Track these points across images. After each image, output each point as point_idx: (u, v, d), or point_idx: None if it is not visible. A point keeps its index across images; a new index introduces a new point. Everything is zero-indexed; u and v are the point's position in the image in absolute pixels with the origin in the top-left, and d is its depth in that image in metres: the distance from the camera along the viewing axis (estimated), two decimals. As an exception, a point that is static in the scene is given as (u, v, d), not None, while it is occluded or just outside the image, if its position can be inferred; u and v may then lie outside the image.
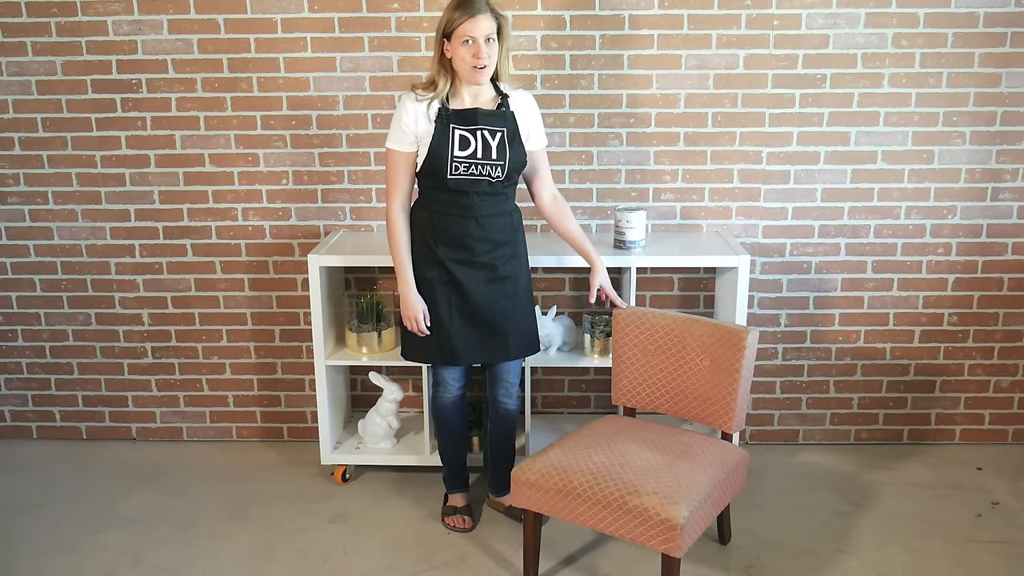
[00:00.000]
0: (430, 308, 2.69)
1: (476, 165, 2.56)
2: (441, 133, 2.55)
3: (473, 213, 2.62)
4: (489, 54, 2.48)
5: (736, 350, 2.57)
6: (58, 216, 3.39)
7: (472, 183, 2.58)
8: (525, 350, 2.80)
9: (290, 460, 3.44)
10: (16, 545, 2.87)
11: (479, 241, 2.64)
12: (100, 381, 3.55)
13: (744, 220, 3.33)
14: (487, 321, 2.70)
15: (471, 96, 2.60)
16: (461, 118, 2.56)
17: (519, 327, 2.75)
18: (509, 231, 2.70)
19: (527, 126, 2.66)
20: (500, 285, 2.69)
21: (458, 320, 2.69)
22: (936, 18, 3.12)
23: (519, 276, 2.74)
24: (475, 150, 2.56)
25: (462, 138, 2.56)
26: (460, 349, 2.71)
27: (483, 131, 2.57)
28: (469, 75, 2.51)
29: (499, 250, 2.67)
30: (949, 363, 3.44)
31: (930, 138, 3.23)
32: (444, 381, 2.85)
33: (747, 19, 3.14)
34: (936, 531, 2.91)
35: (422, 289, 2.69)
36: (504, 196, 2.67)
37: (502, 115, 2.60)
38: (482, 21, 2.45)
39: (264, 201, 3.35)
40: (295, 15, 3.17)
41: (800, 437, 3.53)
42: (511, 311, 2.72)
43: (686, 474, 2.41)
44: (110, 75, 3.24)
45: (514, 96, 2.65)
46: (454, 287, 2.67)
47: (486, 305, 2.68)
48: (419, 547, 2.84)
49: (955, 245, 3.33)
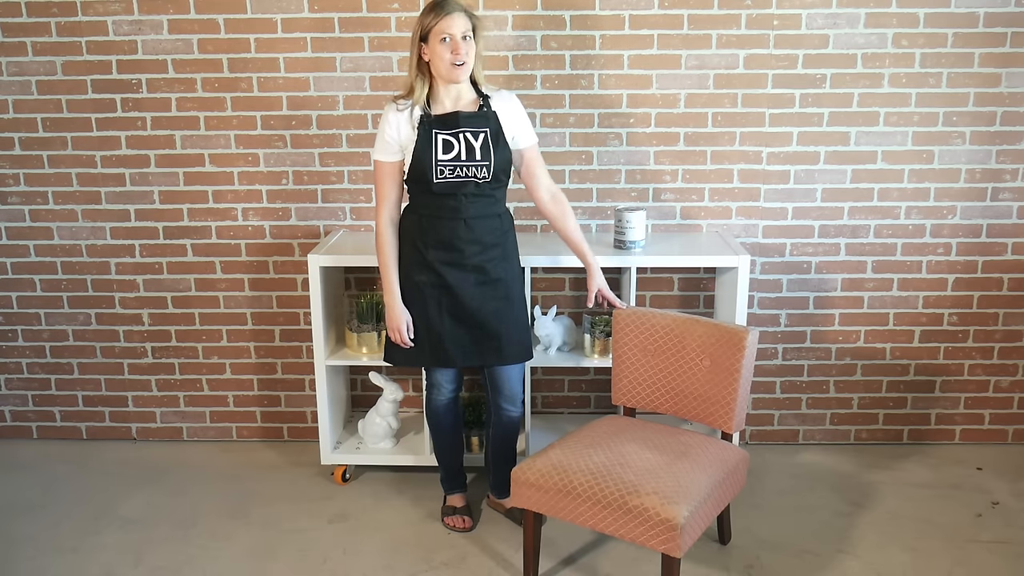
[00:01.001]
0: (421, 311, 2.69)
1: (460, 167, 2.58)
2: (424, 139, 2.57)
3: (461, 215, 2.62)
4: (467, 51, 2.52)
5: (736, 350, 2.57)
6: (58, 216, 3.39)
7: (458, 185, 2.59)
8: (519, 356, 2.78)
9: (290, 460, 3.44)
10: (16, 545, 2.88)
11: (468, 243, 2.64)
12: (100, 381, 3.55)
13: (744, 220, 3.33)
14: (479, 323, 2.69)
15: (451, 100, 2.61)
16: (442, 123, 2.58)
17: (512, 331, 2.74)
18: (499, 233, 2.70)
19: (511, 126, 2.66)
20: (491, 287, 2.69)
21: (449, 322, 2.69)
22: (936, 18, 3.12)
23: (511, 280, 2.73)
24: (459, 152, 2.57)
25: (445, 142, 2.57)
26: (452, 351, 2.71)
27: (465, 133, 2.58)
28: (448, 73, 2.53)
29: (489, 252, 2.67)
30: (949, 363, 3.44)
31: (930, 138, 3.23)
32: (437, 383, 2.86)
33: (747, 19, 3.14)
34: (936, 531, 2.91)
35: (412, 294, 2.69)
36: (492, 198, 2.67)
37: (484, 116, 2.61)
38: (457, 19, 2.50)
39: (264, 201, 3.36)
40: (295, 15, 3.17)
41: (800, 437, 3.53)
42: (504, 313, 2.71)
43: (686, 474, 2.41)
44: (110, 75, 3.24)
45: (496, 96, 2.66)
46: (444, 290, 2.67)
47: (477, 307, 2.68)
48: (419, 547, 2.84)
49: (955, 245, 3.33)
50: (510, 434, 2.90)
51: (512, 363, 2.78)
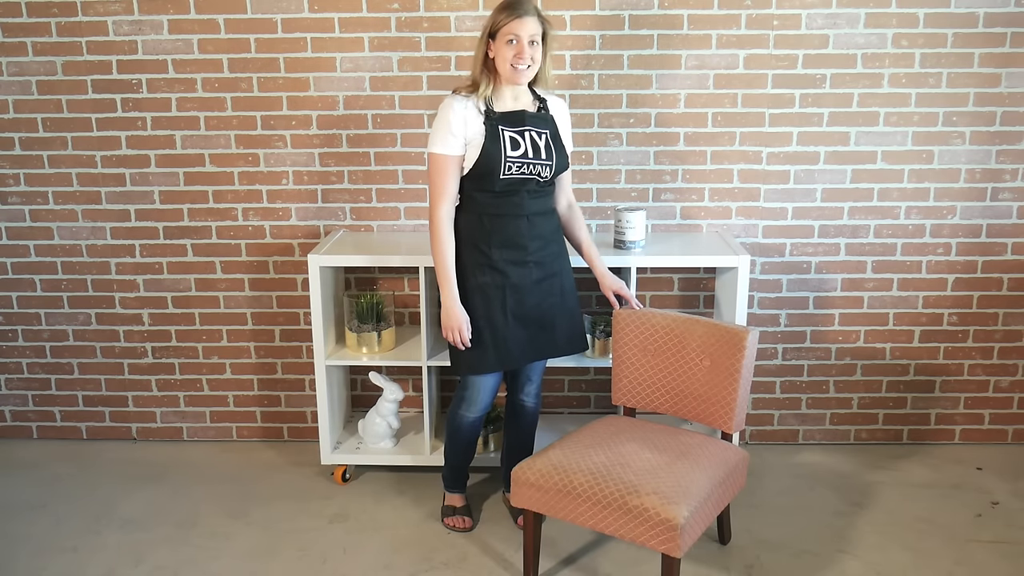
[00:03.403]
0: (487, 314, 2.64)
1: (528, 164, 2.57)
2: (492, 134, 2.55)
3: (524, 211, 2.62)
4: (532, 55, 2.50)
5: (736, 350, 2.57)
6: (58, 216, 3.39)
7: (522, 182, 2.59)
8: (572, 346, 2.78)
9: (290, 460, 3.44)
10: (16, 545, 2.88)
11: (532, 239, 2.64)
12: (100, 381, 3.55)
13: (744, 220, 3.33)
14: (536, 319, 2.69)
15: (513, 98, 2.61)
16: (508, 119, 2.57)
17: (565, 323, 2.75)
18: (555, 229, 2.73)
19: (564, 130, 2.69)
20: (548, 283, 2.70)
21: (513, 323, 2.66)
22: (936, 18, 3.12)
23: (565, 274, 2.75)
24: (525, 150, 2.57)
25: (512, 139, 2.56)
26: (516, 351, 2.69)
27: (531, 132, 2.59)
28: (510, 75, 2.52)
29: (549, 247, 2.69)
30: (949, 363, 3.44)
31: (930, 138, 3.23)
32: (474, 400, 2.77)
33: (747, 19, 3.14)
34: (936, 531, 2.91)
35: (476, 296, 2.64)
36: (549, 195, 2.70)
37: (544, 117, 2.63)
38: (528, 22, 2.48)
39: (264, 201, 3.36)
40: (295, 15, 3.17)
41: (800, 437, 3.53)
42: (558, 307, 2.73)
43: (686, 474, 2.41)
44: (110, 75, 3.24)
45: (551, 101, 2.69)
46: (511, 290, 2.64)
47: (536, 303, 2.68)
48: (419, 547, 2.84)
49: (955, 245, 3.33)
50: (529, 427, 2.92)
51: (568, 354, 2.80)
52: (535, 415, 2.92)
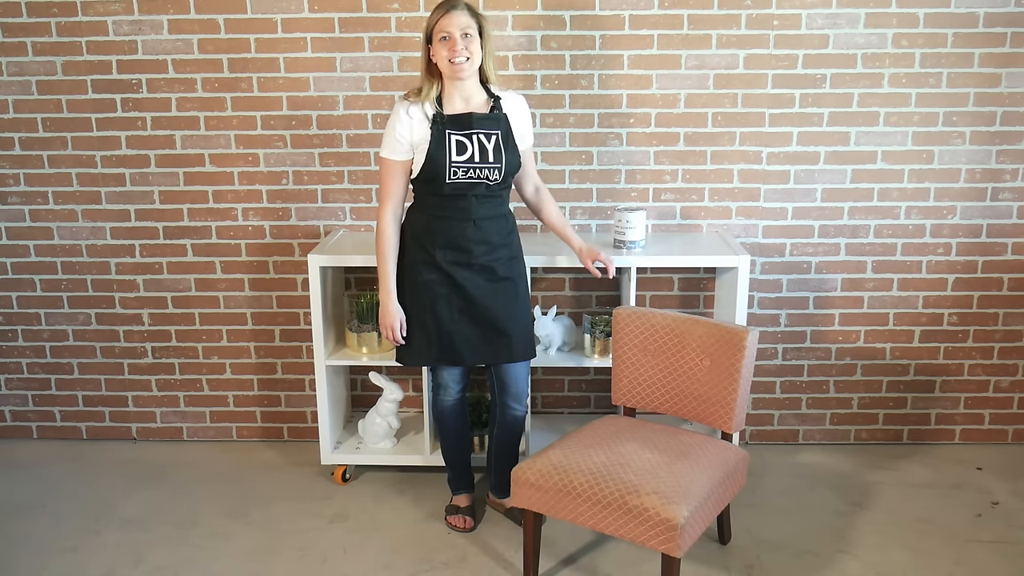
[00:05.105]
0: (430, 309, 2.69)
1: (474, 169, 2.57)
2: (438, 139, 2.56)
3: (470, 216, 2.62)
4: (466, 48, 2.51)
5: (736, 350, 2.57)
6: (58, 216, 3.39)
7: (469, 186, 2.59)
8: (526, 353, 2.79)
9: (290, 460, 3.44)
10: (16, 545, 2.88)
11: (477, 243, 2.64)
12: (100, 381, 3.55)
13: (744, 220, 3.33)
14: (488, 320, 2.70)
15: (463, 101, 2.61)
16: (456, 123, 2.58)
17: (520, 330, 2.75)
18: (505, 233, 2.71)
19: (519, 127, 2.68)
20: (500, 286, 2.70)
21: (459, 320, 2.69)
22: (936, 18, 3.12)
23: (518, 279, 2.75)
24: (472, 154, 2.57)
25: (458, 143, 2.57)
26: (462, 349, 2.71)
27: (478, 135, 2.58)
28: (449, 71, 2.54)
29: (497, 252, 2.68)
30: (949, 363, 3.44)
31: (930, 138, 3.23)
32: (444, 384, 2.85)
33: (747, 19, 3.14)
34: (936, 531, 2.91)
35: (420, 292, 2.68)
36: (500, 199, 2.69)
37: (495, 118, 2.62)
38: (456, 15, 2.51)
39: (264, 201, 3.36)
40: (295, 15, 3.17)
41: (800, 437, 3.53)
42: (513, 312, 2.73)
43: (686, 474, 2.41)
44: (110, 75, 3.24)
45: (506, 97, 2.67)
46: (454, 288, 2.67)
47: (487, 305, 2.69)
48: (419, 547, 2.84)
49: (955, 245, 3.33)
50: (515, 433, 2.90)
51: (521, 360, 2.79)
52: (517, 424, 2.88)
